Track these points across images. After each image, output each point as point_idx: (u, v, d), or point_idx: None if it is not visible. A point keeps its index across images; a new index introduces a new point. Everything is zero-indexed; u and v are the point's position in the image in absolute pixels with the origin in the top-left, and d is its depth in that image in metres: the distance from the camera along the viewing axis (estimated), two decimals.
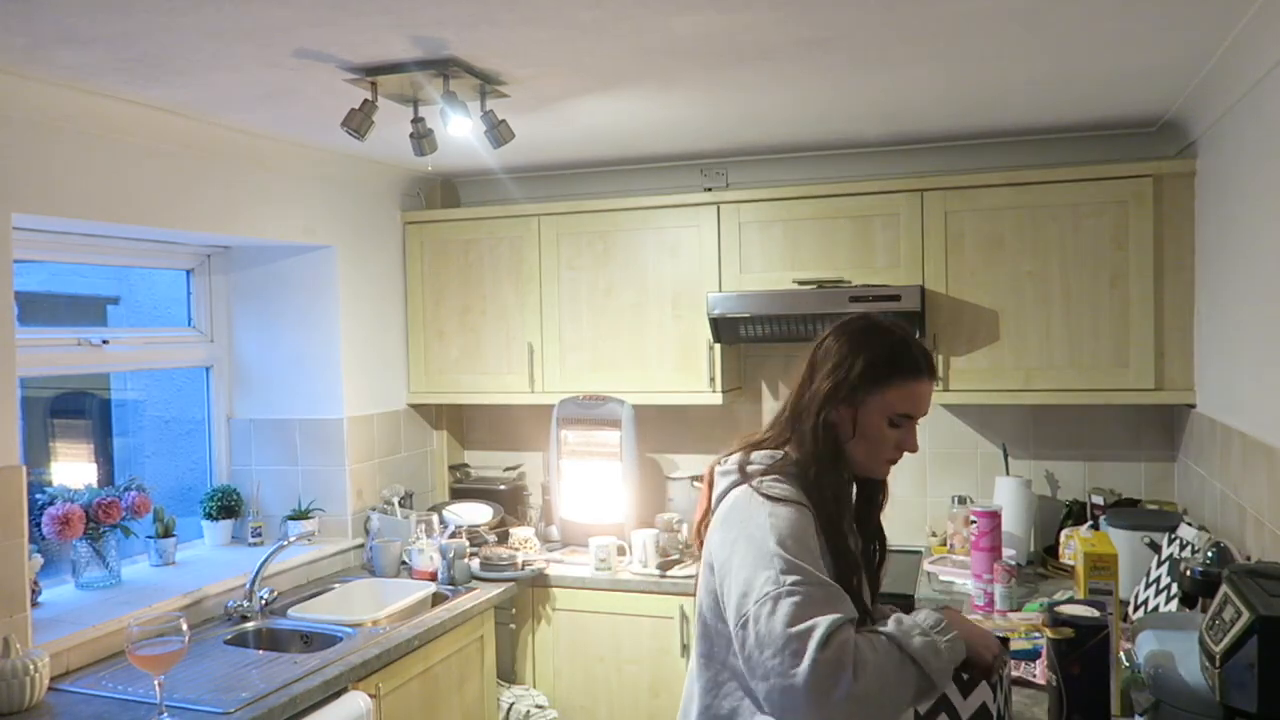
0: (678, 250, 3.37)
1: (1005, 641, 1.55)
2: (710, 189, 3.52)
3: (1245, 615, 1.41)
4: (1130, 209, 2.93)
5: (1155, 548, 2.45)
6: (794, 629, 1.33)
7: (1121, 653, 1.82)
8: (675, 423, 3.74)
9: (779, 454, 1.61)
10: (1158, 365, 2.93)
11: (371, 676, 2.45)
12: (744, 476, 1.58)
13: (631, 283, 3.43)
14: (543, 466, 3.84)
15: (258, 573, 2.81)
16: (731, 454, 1.65)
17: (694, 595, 1.62)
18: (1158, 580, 2.34)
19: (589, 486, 3.52)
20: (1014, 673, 1.51)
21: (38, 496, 2.69)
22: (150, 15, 1.86)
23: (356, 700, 2.35)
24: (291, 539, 3.00)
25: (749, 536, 1.46)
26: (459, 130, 2.40)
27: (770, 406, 3.63)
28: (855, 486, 1.72)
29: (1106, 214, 2.95)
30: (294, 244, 3.24)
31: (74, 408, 3.40)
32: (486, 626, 3.05)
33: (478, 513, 3.54)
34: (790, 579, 1.38)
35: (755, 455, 1.61)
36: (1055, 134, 3.23)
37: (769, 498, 1.50)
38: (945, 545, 3.23)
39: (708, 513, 1.65)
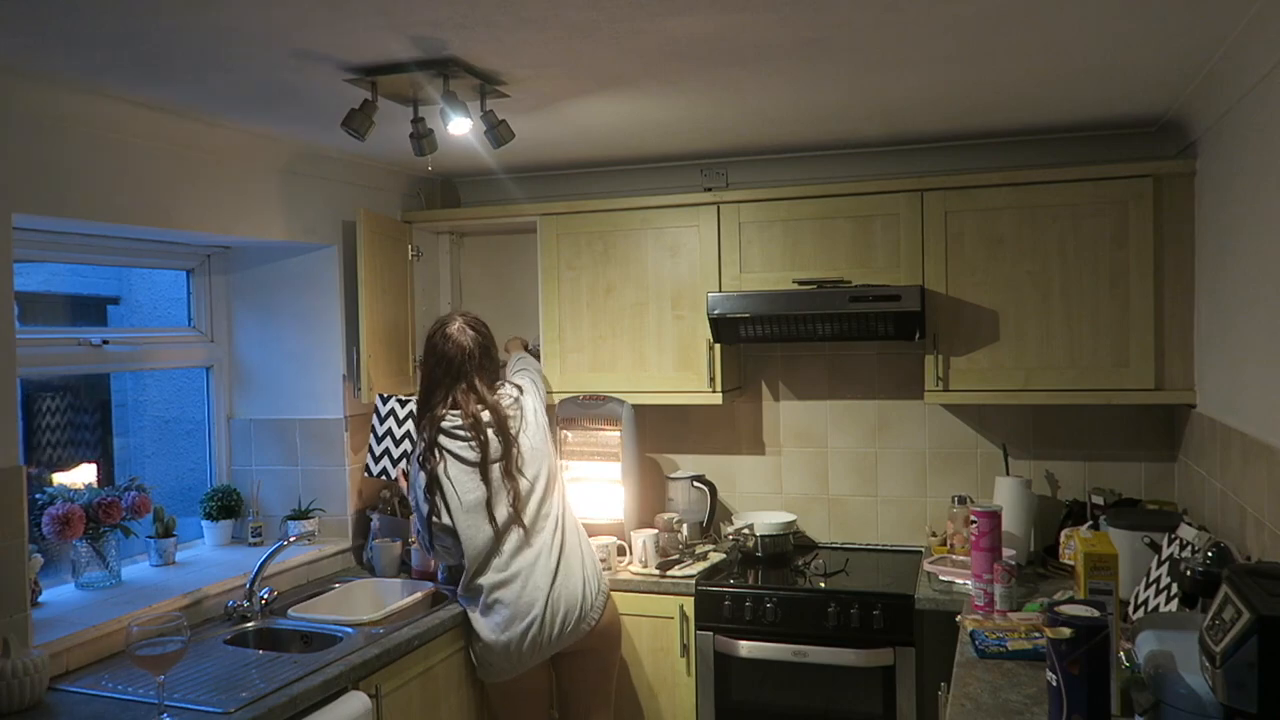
0: (678, 250, 3.37)
1: None
2: (710, 189, 3.52)
3: (1245, 615, 1.41)
4: (1130, 209, 2.93)
5: (1155, 548, 2.45)
6: None
7: (1121, 653, 1.82)
8: (675, 423, 3.74)
9: None
10: (1158, 365, 2.93)
11: (371, 676, 2.45)
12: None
13: (631, 283, 3.43)
14: None
15: (258, 573, 2.81)
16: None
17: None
18: (1158, 580, 2.34)
19: (589, 486, 3.52)
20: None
21: (38, 496, 2.69)
22: (150, 15, 1.87)
23: (356, 700, 2.35)
24: (291, 539, 3.00)
25: None
26: (459, 130, 2.40)
27: (770, 406, 3.64)
28: None
29: (1106, 214, 2.95)
30: (294, 244, 3.24)
31: (74, 408, 3.40)
32: None
33: None
34: None
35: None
36: (1055, 134, 3.23)
37: None
38: (945, 545, 3.23)
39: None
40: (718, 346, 3.33)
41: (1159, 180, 2.91)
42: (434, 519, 2.79)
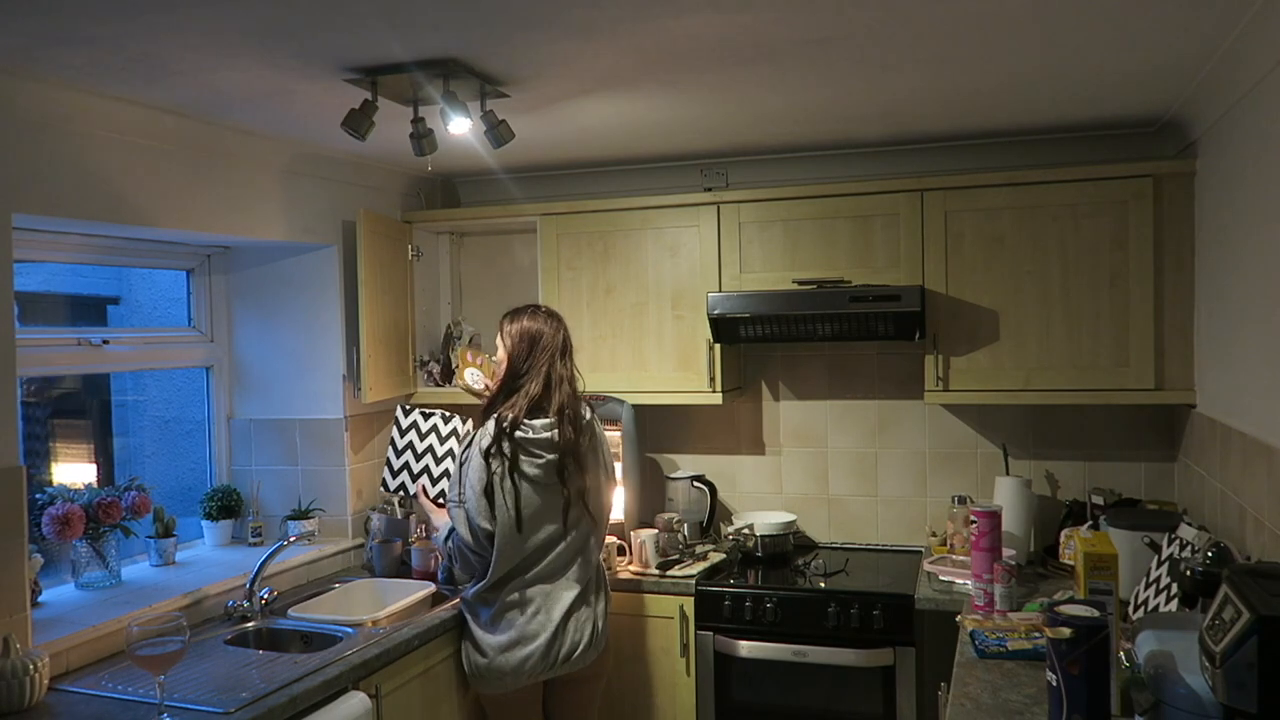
0: (678, 250, 3.37)
1: None
2: (710, 189, 3.52)
3: (1245, 615, 1.41)
4: (1130, 209, 2.93)
5: (1155, 548, 2.45)
6: None
7: (1121, 653, 1.82)
8: (675, 423, 3.74)
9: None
10: (1158, 365, 2.93)
11: (371, 676, 2.45)
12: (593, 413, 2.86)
13: (631, 283, 3.43)
14: None
15: (258, 573, 2.81)
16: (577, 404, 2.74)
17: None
18: (1158, 580, 2.34)
19: None
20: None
21: (38, 496, 2.69)
22: (150, 15, 1.86)
23: (356, 700, 2.35)
24: (291, 539, 3.00)
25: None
26: (459, 130, 2.40)
27: (770, 406, 3.64)
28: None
29: (1106, 214, 2.95)
30: (294, 244, 3.24)
31: (74, 408, 3.40)
32: None
33: None
34: None
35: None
36: (1055, 134, 3.23)
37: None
38: (945, 545, 3.23)
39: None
40: (718, 346, 3.33)
41: (1159, 180, 2.91)
42: (480, 521, 2.62)
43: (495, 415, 2.68)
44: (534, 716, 2.80)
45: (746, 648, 3.03)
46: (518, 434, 2.63)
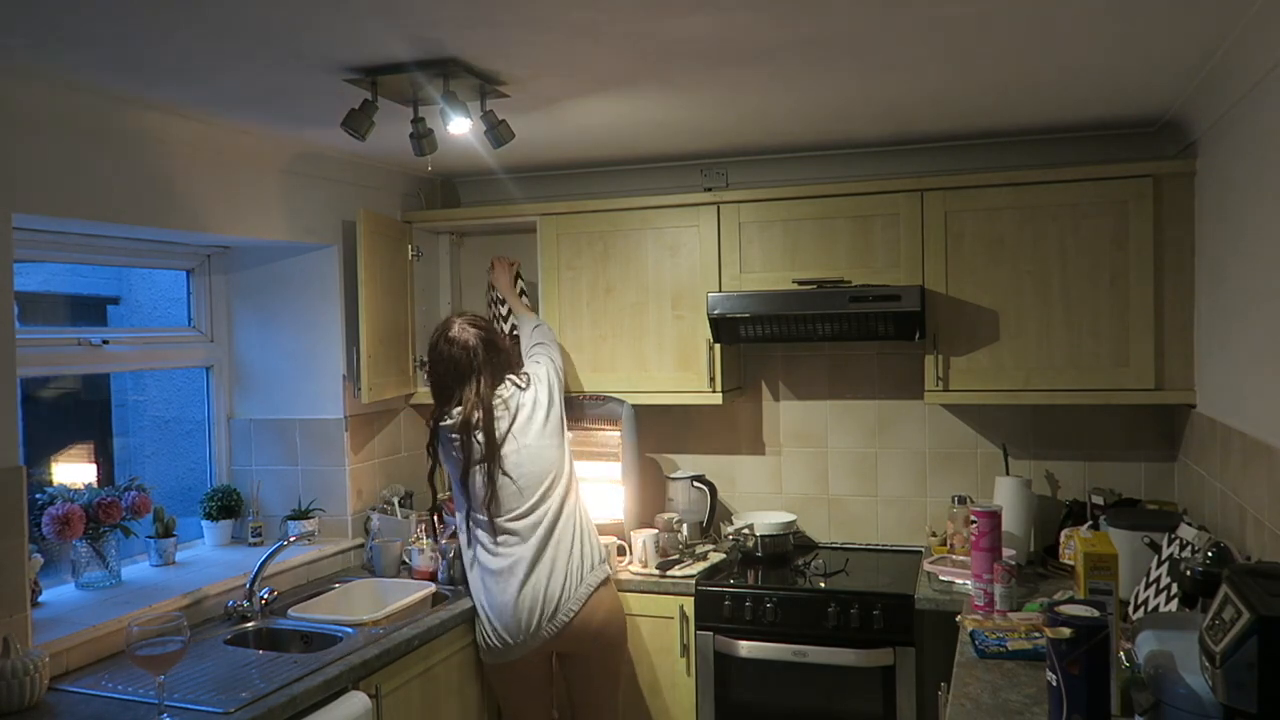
0: (678, 250, 3.37)
1: None
2: (710, 189, 3.52)
3: (1245, 615, 1.41)
4: (1130, 209, 2.93)
5: (1155, 548, 2.45)
6: None
7: (1121, 653, 1.82)
8: (675, 423, 3.74)
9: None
10: (1158, 365, 2.93)
11: (371, 676, 2.45)
12: None
13: (631, 283, 3.43)
14: None
15: (258, 573, 2.81)
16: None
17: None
18: (1158, 580, 2.34)
19: (589, 486, 3.51)
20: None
21: (38, 496, 2.69)
22: (150, 15, 1.87)
23: (356, 700, 2.35)
24: (291, 539, 3.01)
25: None
26: (459, 130, 2.40)
27: (770, 406, 3.64)
28: None
29: (1106, 214, 2.95)
30: (294, 244, 3.24)
31: (74, 408, 3.40)
32: None
33: None
34: None
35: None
36: (1055, 134, 3.23)
37: None
38: (945, 545, 3.23)
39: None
40: (718, 346, 3.32)
41: (1159, 180, 2.91)
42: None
43: (432, 416, 2.97)
44: (536, 687, 2.88)
45: (746, 648, 3.03)
46: (439, 440, 2.92)
